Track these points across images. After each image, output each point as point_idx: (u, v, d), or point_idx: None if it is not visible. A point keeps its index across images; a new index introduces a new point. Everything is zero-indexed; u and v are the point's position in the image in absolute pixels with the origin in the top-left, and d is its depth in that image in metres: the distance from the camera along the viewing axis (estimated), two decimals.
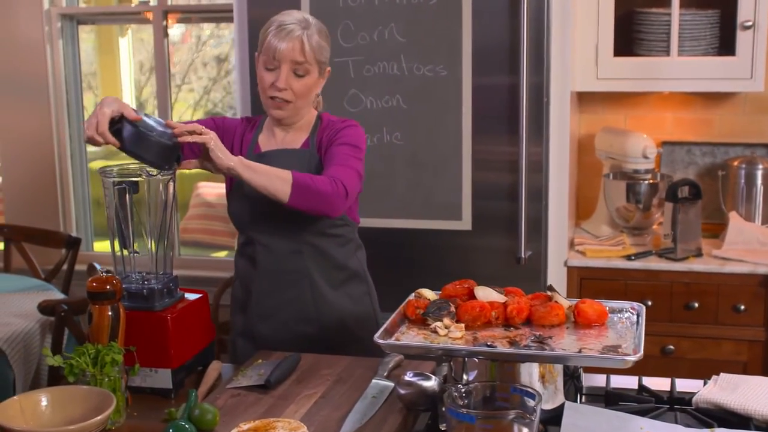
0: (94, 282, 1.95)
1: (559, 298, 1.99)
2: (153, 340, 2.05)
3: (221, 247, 4.96)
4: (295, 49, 2.30)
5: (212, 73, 5.25)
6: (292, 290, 2.41)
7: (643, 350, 1.76)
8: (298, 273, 2.42)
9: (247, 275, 2.49)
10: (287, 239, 2.41)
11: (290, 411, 1.91)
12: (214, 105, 5.34)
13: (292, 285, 2.42)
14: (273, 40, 2.31)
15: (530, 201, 3.08)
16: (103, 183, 2.08)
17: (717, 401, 1.87)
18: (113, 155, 5.25)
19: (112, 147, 2.06)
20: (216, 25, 4.96)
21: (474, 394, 1.70)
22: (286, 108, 2.37)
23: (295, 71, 2.33)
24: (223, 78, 5.27)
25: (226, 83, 5.25)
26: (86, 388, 1.84)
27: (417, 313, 1.98)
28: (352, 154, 2.37)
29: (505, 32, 3.02)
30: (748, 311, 3.12)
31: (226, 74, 5.24)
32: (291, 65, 2.32)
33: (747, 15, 3.24)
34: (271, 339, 2.41)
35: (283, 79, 2.32)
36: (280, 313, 2.36)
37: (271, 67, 2.33)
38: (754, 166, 3.43)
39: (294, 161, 2.39)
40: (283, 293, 2.42)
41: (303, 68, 2.33)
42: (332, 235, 2.44)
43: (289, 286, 2.42)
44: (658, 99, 3.67)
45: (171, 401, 2.05)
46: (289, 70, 2.32)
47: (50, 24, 4.31)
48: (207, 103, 5.28)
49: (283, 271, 2.42)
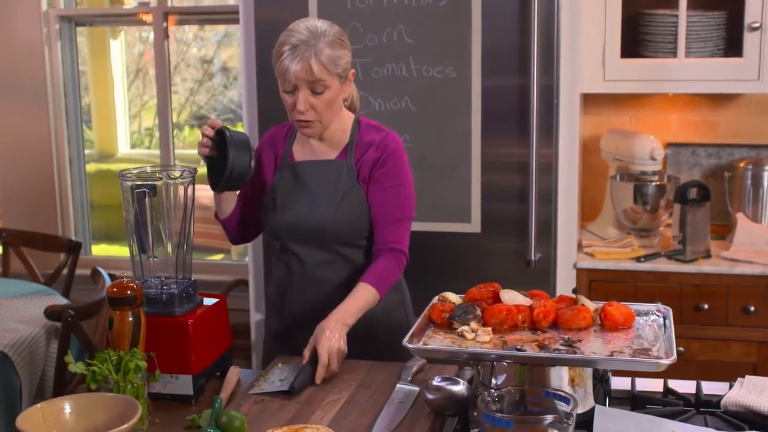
0: (115, 287, 1.92)
1: (585, 301, 1.98)
2: (173, 345, 2.03)
3: (217, 250, 4.92)
4: (305, 70, 2.19)
5: (197, 75, 5.21)
6: (325, 298, 2.37)
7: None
8: (330, 282, 2.39)
9: (282, 281, 2.46)
10: (319, 249, 2.38)
11: (317, 417, 1.88)
12: (199, 107, 5.31)
13: (325, 294, 2.38)
14: (283, 62, 2.20)
15: (540, 203, 3.07)
16: (122, 186, 2.05)
17: (746, 404, 1.86)
18: (109, 158, 5.22)
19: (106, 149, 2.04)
20: (200, 27, 4.91)
21: (506, 399, 1.69)
22: (314, 126, 2.30)
23: (313, 89, 2.23)
24: (207, 80, 5.23)
25: (210, 85, 5.22)
26: (110, 396, 1.81)
27: (443, 317, 1.96)
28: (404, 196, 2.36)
29: (514, 34, 3.01)
30: (758, 312, 3.12)
31: (210, 77, 5.21)
32: (307, 85, 2.22)
33: (754, 16, 3.23)
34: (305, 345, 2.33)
35: (302, 101, 2.22)
36: (313, 320, 2.34)
37: (289, 89, 2.24)
38: (760, 167, 3.44)
39: (327, 173, 2.36)
40: (316, 301, 2.39)
41: (320, 85, 2.23)
42: (360, 246, 2.41)
43: (322, 294, 2.39)
44: (663, 100, 3.67)
45: (192, 408, 2.03)
46: (307, 90, 2.23)
47: (48, 26, 4.26)
48: (192, 105, 5.25)
49: (316, 280, 2.39)
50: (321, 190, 2.36)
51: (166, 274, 2.11)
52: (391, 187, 2.35)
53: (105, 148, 5.23)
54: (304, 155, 2.41)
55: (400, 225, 2.37)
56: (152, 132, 5.47)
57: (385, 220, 2.36)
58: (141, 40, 5.28)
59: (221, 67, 5.23)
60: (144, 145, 5.45)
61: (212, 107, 5.34)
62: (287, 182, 2.40)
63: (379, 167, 2.34)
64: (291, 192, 2.39)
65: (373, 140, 2.37)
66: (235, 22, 3.59)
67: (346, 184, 2.34)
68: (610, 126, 3.67)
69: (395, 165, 2.36)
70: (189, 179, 2.08)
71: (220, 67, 5.23)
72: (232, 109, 5.40)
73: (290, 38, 2.22)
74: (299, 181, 2.38)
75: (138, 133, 5.44)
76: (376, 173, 2.34)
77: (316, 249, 2.38)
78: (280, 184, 2.40)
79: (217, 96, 5.34)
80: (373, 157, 2.35)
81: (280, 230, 2.41)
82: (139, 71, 5.28)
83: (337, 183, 2.35)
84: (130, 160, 5.33)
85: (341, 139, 2.39)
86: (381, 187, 2.34)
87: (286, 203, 2.36)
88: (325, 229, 2.34)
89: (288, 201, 2.38)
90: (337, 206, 2.33)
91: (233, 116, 5.39)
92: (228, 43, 5.28)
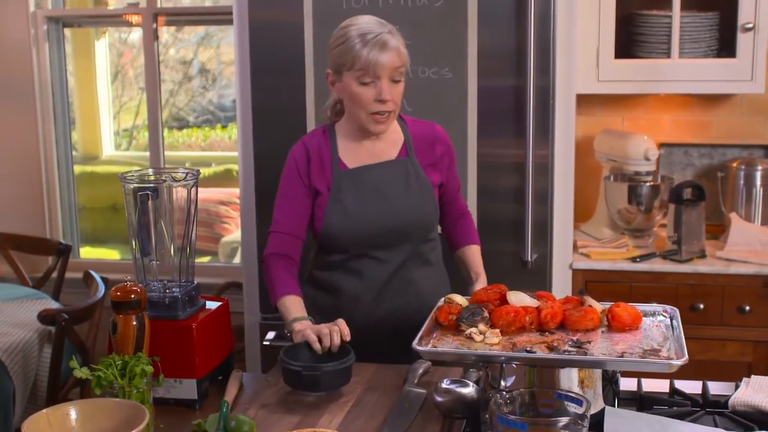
0: (119, 291, 1.90)
1: (592, 302, 1.98)
2: (177, 349, 2.01)
3: (204, 252, 4.90)
4: (394, 59, 2.22)
5: (176, 77, 5.17)
6: (399, 299, 2.37)
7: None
8: (406, 281, 2.38)
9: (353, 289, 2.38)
10: (397, 251, 2.35)
11: (325, 420, 1.87)
12: (179, 109, 5.28)
13: (400, 294, 2.37)
14: (370, 54, 2.19)
15: (536, 203, 3.07)
16: (124, 189, 2.03)
17: (754, 404, 1.86)
18: (93, 160, 5.17)
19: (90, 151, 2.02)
20: (177, 29, 4.87)
21: (519, 401, 1.68)
22: (390, 119, 2.29)
23: (393, 78, 2.24)
24: (187, 82, 5.20)
25: (189, 87, 5.19)
26: (116, 401, 1.78)
27: (450, 319, 1.96)
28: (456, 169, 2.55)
29: (510, 35, 3.01)
30: (753, 312, 3.13)
31: (189, 79, 5.17)
32: (390, 75, 2.23)
33: (748, 17, 3.25)
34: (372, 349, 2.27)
35: (387, 91, 2.22)
36: (384, 323, 2.32)
37: (368, 80, 2.22)
38: (753, 167, 3.45)
39: (394, 173, 2.36)
40: (389, 304, 2.37)
41: (399, 74, 2.25)
42: (431, 239, 2.45)
43: (398, 295, 2.37)
44: (656, 101, 3.68)
45: (196, 412, 2.01)
46: (388, 79, 2.23)
47: (36, 27, 4.22)
48: (171, 107, 5.21)
49: (392, 282, 2.37)
50: (394, 191, 2.35)
51: (169, 278, 2.09)
52: (455, 174, 2.54)
53: (89, 150, 5.18)
54: (360, 160, 2.37)
55: (459, 195, 2.58)
56: (131, 133, 5.43)
57: (454, 193, 2.53)
58: (120, 41, 5.24)
59: (200, 69, 5.19)
60: (122, 147, 5.40)
61: (192, 108, 5.31)
62: (350, 190, 2.34)
63: (447, 158, 2.46)
64: (359, 199, 2.34)
65: (430, 137, 2.44)
66: (227, 23, 3.57)
67: (416, 180, 2.36)
68: (603, 126, 3.68)
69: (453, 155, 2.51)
70: (192, 182, 2.05)
71: (200, 69, 5.19)
72: (211, 110, 5.37)
73: (362, 29, 2.23)
74: (366, 187, 2.34)
75: (117, 134, 5.39)
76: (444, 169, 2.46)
77: (393, 251, 2.35)
78: (343, 192, 2.34)
79: (197, 98, 5.31)
80: (440, 152, 2.44)
81: (359, 238, 2.34)
82: (117, 73, 5.23)
83: (408, 181, 2.36)
84: (115, 163, 5.28)
85: (395, 138, 2.40)
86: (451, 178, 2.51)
87: (360, 210, 2.32)
88: (407, 228, 2.34)
89: (361, 207, 2.33)
90: (415, 204, 2.35)
91: (212, 117, 5.37)
92: (207, 44, 5.25)
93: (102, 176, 5.18)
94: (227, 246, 4.95)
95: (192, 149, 5.49)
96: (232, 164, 5.13)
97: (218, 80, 5.34)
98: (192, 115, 5.34)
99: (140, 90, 5.27)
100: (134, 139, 5.47)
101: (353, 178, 2.34)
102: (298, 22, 3.09)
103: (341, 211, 2.33)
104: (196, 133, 5.48)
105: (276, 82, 3.15)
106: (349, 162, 2.37)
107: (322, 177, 2.35)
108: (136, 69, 5.23)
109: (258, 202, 3.23)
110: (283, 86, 3.15)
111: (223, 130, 5.43)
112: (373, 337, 2.30)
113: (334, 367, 1.98)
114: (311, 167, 2.36)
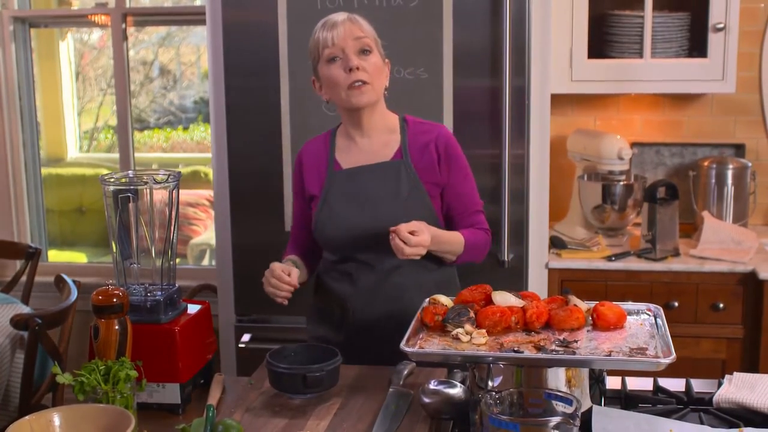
0: (100, 295, 1.87)
1: (576, 301, 1.98)
2: (160, 353, 1.98)
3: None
4: (351, 27, 2.24)
5: (136, 78, 5.12)
6: (392, 306, 2.32)
7: None
8: (399, 288, 2.33)
9: (343, 292, 2.36)
10: (385, 255, 2.27)
11: (312, 424, 1.85)
12: (140, 110, 5.23)
13: (393, 301, 2.32)
14: (326, 32, 2.24)
15: (512, 203, 3.08)
16: (104, 191, 2.00)
17: (739, 400, 1.88)
18: (58, 162, 5.10)
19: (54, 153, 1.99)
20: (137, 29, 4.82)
21: (508, 401, 1.68)
22: (366, 90, 2.25)
23: (361, 50, 2.24)
24: (148, 83, 5.15)
25: (149, 88, 5.14)
26: (101, 407, 1.75)
27: (436, 320, 1.95)
28: (472, 185, 2.42)
29: (486, 35, 3.01)
30: (727, 309, 3.16)
31: (150, 80, 5.13)
32: (354, 45, 2.23)
33: (718, 17, 3.28)
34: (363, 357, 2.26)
35: (354, 59, 2.22)
36: (377, 328, 2.29)
37: (334, 57, 2.24)
38: (724, 166, 3.49)
39: (386, 176, 2.32)
40: (382, 309, 2.33)
41: (364, 43, 2.25)
42: None
43: (390, 301, 2.33)
44: (628, 100, 3.71)
45: (179, 417, 1.98)
46: (354, 52, 2.24)
47: (2, 27, 4.15)
48: (133, 108, 5.16)
49: (383, 288, 2.33)
50: (382, 193, 2.31)
51: (149, 281, 2.06)
52: (462, 180, 2.39)
53: (53, 151, 5.11)
54: (353, 161, 2.35)
55: (480, 215, 2.45)
56: (92, 135, 5.37)
57: (466, 213, 2.41)
58: (82, 42, 5.18)
59: (161, 70, 5.15)
60: (84, 150, 5.34)
61: (153, 110, 5.26)
62: (340, 191, 2.33)
63: (444, 164, 2.35)
64: (348, 200, 2.32)
65: (429, 138, 2.36)
66: (199, 23, 3.53)
67: (407, 184, 2.31)
68: (575, 126, 3.70)
69: (457, 158, 2.38)
70: (174, 183, 2.03)
71: (161, 70, 5.15)
72: (173, 111, 5.33)
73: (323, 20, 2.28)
74: (356, 188, 2.32)
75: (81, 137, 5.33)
76: (444, 172, 2.35)
77: (386, 256, 2.27)
78: (332, 194, 2.33)
79: (158, 99, 5.26)
80: (434, 157, 2.34)
81: (345, 241, 2.32)
82: (78, 74, 5.17)
83: (398, 184, 2.31)
84: (81, 164, 5.22)
85: (391, 139, 2.36)
86: (454, 183, 2.37)
87: (346, 213, 2.30)
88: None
89: (347, 210, 2.30)
90: (403, 208, 2.29)
91: (173, 118, 5.32)
92: (168, 45, 5.20)
93: (68, 178, 5.12)
94: (196, 248, 4.91)
95: (154, 151, 5.45)
96: (199, 166, 5.09)
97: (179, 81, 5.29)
98: (153, 116, 5.29)
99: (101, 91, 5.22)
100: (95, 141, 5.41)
101: (343, 179, 2.33)
102: (271, 22, 3.07)
103: (327, 212, 2.33)
104: (158, 135, 5.43)
105: (250, 82, 3.13)
106: (344, 162, 2.36)
107: (317, 179, 2.36)
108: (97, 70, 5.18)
109: (232, 203, 3.21)
110: (257, 87, 3.12)
111: (185, 132, 5.39)
112: (365, 343, 2.29)
113: (321, 369, 1.97)
114: (304, 172, 2.39)
